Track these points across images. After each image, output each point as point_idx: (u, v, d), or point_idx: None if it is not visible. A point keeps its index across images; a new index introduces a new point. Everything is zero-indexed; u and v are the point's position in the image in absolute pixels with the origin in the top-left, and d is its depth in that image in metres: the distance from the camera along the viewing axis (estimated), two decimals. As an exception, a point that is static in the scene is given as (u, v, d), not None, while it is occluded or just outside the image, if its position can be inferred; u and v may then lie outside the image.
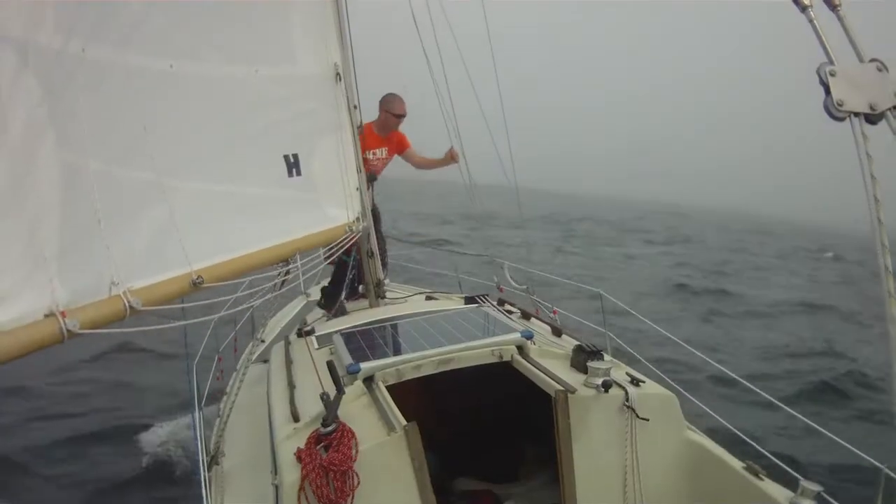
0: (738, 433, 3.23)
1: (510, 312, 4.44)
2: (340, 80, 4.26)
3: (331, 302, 5.51)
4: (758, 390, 3.18)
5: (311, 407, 2.90)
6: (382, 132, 5.84)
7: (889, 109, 1.67)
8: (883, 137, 1.66)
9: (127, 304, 2.27)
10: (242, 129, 3.32)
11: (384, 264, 5.76)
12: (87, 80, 2.35)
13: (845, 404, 8.86)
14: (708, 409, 3.48)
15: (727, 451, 2.85)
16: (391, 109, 5.72)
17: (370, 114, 5.75)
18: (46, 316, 1.99)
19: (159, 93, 2.78)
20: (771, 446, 2.99)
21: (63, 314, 2.00)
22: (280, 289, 3.29)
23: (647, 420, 2.81)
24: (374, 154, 5.82)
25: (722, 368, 3.63)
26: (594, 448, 2.89)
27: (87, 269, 2.21)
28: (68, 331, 1.99)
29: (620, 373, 3.06)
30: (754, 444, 3.12)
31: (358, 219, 4.30)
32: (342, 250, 4.18)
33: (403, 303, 5.22)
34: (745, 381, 3.15)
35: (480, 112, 6.21)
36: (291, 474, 2.49)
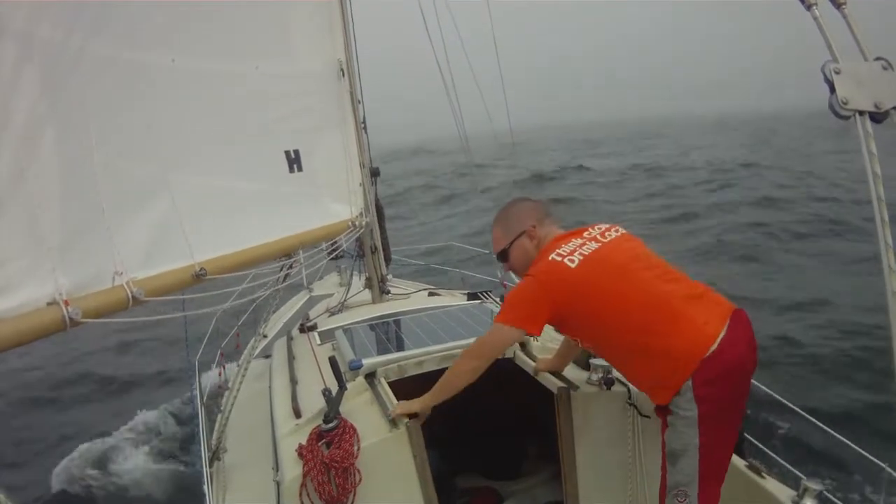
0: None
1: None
2: (344, 75, 4.25)
3: None
4: (763, 387, 3.17)
5: (313, 403, 2.91)
6: None
7: (894, 108, 1.66)
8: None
9: (130, 294, 2.27)
10: (243, 124, 3.31)
11: (387, 259, 5.75)
12: (88, 74, 2.35)
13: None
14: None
15: None
16: None
17: (371, 112, 5.54)
18: (49, 304, 2.00)
19: (161, 87, 2.77)
20: (773, 444, 2.98)
21: (66, 302, 2.01)
22: (284, 279, 3.30)
23: (649, 418, 2.81)
24: None
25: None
26: (596, 445, 2.89)
27: (90, 259, 2.22)
28: (71, 319, 1.99)
29: None
30: (757, 442, 3.12)
31: (361, 214, 4.29)
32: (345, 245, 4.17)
33: (406, 299, 5.22)
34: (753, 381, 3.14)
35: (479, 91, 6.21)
36: (293, 470, 2.49)
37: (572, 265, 2.38)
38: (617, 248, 2.50)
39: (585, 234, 2.57)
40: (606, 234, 2.57)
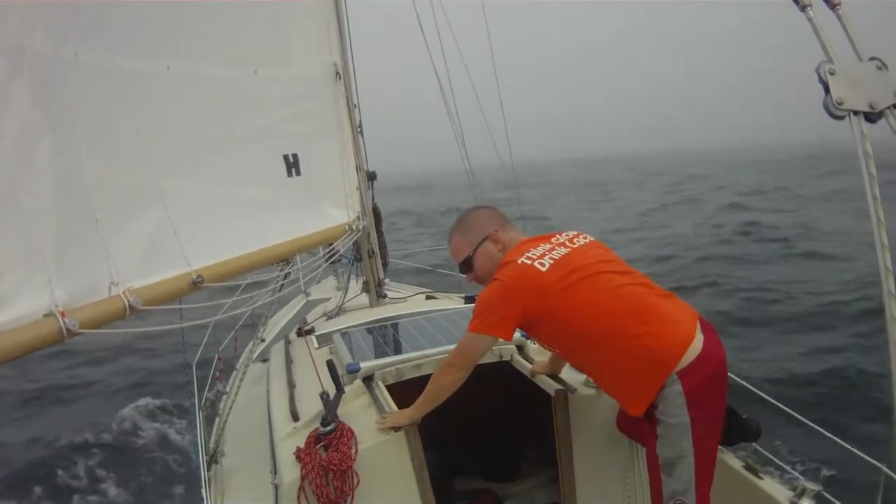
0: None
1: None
2: (340, 79, 4.25)
3: None
4: (758, 391, 3.18)
5: (311, 406, 2.91)
6: None
7: (889, 108, 1.67)
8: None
9: (127, 304, 2.26)
10: (241, 129, 3.31)
11: (384, 264, 5.76)
12: (81, 84, 2.34)
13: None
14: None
15: (726, 450, 2.85)
16: None
17: (370, 113, 5.60)
18: (46, 316, 1.99)
19: (157, 94, 2.77)
20: (770, 446, 2.98)
21: (63, 314, 2.00)
22: (280, 289, 3.29)
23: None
24: None
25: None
26: (594, 447, 2.89)
27: (86, 270, 2.21)
28: (68, 330, 1.98)
29: None
30: (754, 443, 3.12)
31: (358, 218, 4.29)
32: (343, 250, 4.18)
33: (403, 302, 5.22)
34: (745, 383, 3.15)
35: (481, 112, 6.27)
36: (291, 473, 2.49)
37: (543, 269, 2.35)
38: (587, 253, 2.48)
39: (553, 239, 2.54)
40: (575, 240, 2.55)
